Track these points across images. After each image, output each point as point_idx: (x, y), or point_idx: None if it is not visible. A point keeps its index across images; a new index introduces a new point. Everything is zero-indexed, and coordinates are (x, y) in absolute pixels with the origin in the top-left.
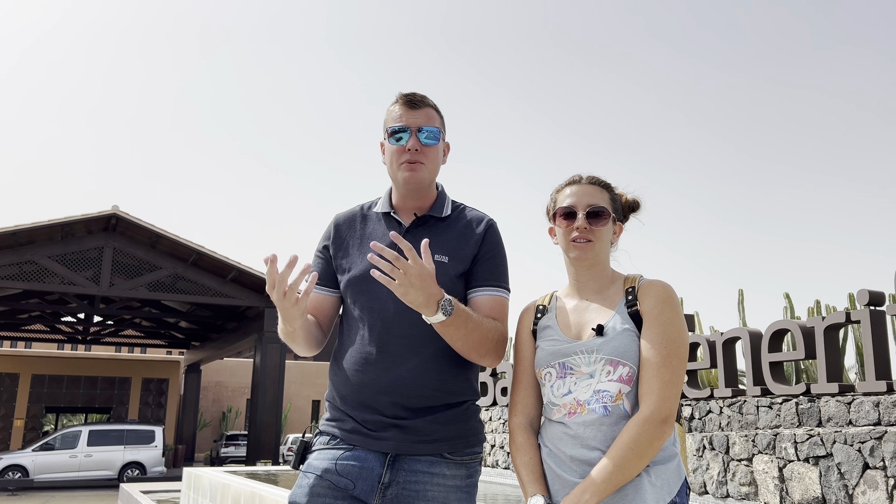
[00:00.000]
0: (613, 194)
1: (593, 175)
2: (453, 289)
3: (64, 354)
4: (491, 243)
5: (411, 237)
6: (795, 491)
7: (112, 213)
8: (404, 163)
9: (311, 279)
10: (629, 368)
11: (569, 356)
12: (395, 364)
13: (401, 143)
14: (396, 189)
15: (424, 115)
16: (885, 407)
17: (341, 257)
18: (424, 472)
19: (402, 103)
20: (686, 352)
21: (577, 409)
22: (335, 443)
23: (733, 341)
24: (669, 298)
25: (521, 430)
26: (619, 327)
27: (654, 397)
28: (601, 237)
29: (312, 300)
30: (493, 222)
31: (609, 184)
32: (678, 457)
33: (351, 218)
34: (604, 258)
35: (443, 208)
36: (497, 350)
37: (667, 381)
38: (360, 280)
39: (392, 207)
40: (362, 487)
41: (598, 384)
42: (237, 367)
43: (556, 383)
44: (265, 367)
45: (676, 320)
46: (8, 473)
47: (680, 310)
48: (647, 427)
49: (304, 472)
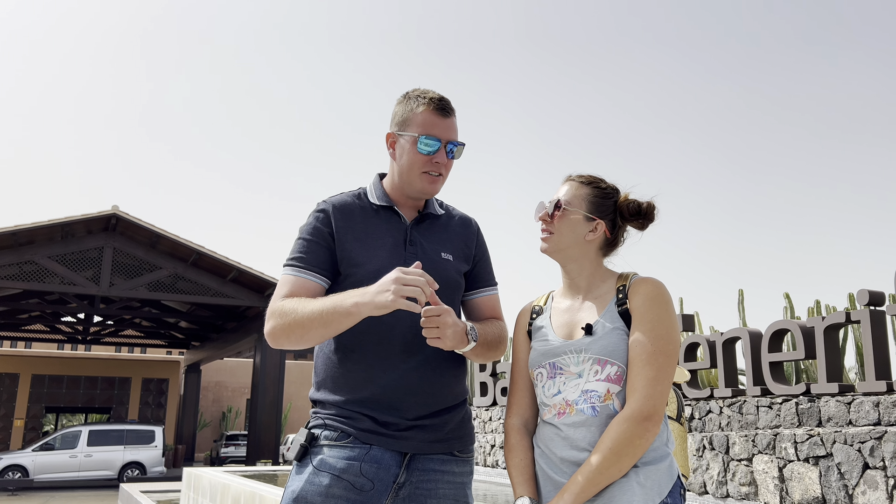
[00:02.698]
0: (601, 192)
1: (582, 172)
2: (460, 284)
3: (64, 354)
4: (482, 243)
5: (416, 234)
6: (795, 491)
7: (112, 213)
8: (427, 173)
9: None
10: (618, 367)
11: (558, 356)
12: (420, 365)
13: (430, 153)
14: (402, 186)
15: (453, 125)
16: (885, 407)
17: (346, 250)
18: (437, 470)
19: (435, 109)
20: (675, 349)
21: (566, 410)
22: (347, 440)
23: (733, 341)
24: (658, 296)
25: (513, 432)
26: (609, 326)
27: (637, 395)
28: (559, 230)
29: (309, 287)
30: (478, 223)
31: (596, 181)
32: (670, 457)
33: (346, 206)
34: (574, 253)
35: (435, 206)
36: (503, 350)
37: (651, 378)
38: (376, 276)
39: (390, 200)
40: (378, 487)
41: (585, 384)
42: (237, 367)
43: (547, 383)
44: (265, 367)
45: (665, 317)
46: (8, 473)
47: (670, 307)
48: (627, 425)
49: (316, 469)
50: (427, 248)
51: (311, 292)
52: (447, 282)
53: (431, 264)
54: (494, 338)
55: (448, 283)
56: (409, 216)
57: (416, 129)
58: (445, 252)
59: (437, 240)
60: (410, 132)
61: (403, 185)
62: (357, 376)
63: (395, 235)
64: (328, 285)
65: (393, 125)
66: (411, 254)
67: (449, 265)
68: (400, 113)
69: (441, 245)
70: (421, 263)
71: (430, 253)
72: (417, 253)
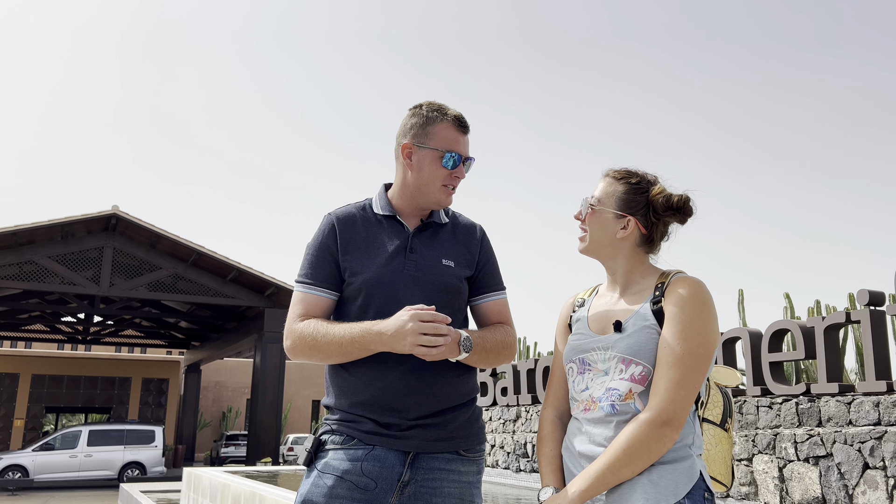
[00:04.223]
0: (631, 187)
1: (614, 167)
2: (461, 289)
3: (64, 354)
4: (488, 249)
5: (418, 241)
6: (795, 491)
7: (112, 213)
8: (446, 187)
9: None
10: (643, 367)
11: (587, 352)
12: (417, 367)
13: (453, 167)
14: (415, 196)
15: (469, 142)
16: (885, 407)
17: (349, 259)
18: (441, 468)
19: (457, 126)
20: (706, 353)
21: (591, 406)
22: (352, 443)
23: (733, 341)
24: (696, 295)
25: (546, 423)
26: (639, 324)
27: (658, 398)
28: (591, 229)
29: (320, 303)
30: (483, 228)
31: (628, 175)
32: (692, 458)
33: (349, 218)
34: (608, 251)
35: (440, 213)
36: (509, 354)
37: (675, 381)
38: (374, 283)
39: (394, 210)
40: (382, 486)
41: (610, 381)
42: (237, 367)
43: (577, 379)
44: (265, 367)
45: (699, 319)
46: (8, 473)
47: (706, 308)
48: (644, 429)
49: (320, 472)
50: (427, 254)
51: (322, 309)
52: (446, 287)
53: (431, 270)
54: (496, 344)
55: (447, 289)
56: (412, 225)
57: (440, 143)
58: (447, 258)
59: (439, 247)
60: (432, 146)
61: (418, 196)
62: (358, 380)
63: (396, 244)
64: (337, 296)
65: (408, 136)
66: (411, 261)
67: (449, 271)
68: (418, 125)
69: (443, 252)
70: (435, 307)
71: (431, 259)
72: (417, 260)
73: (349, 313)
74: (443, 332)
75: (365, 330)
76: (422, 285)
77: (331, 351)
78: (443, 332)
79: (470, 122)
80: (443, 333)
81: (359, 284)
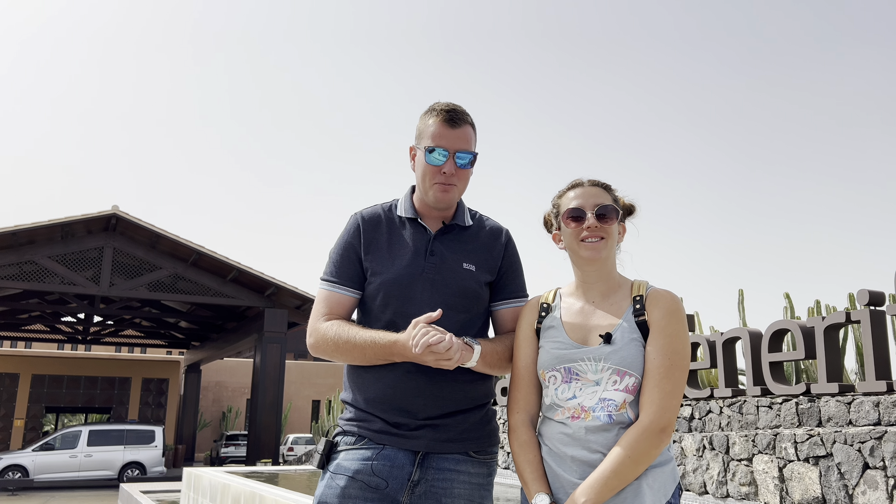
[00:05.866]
0: (614, 196)
1: (594, 178)
2: (481, 294)
3: (64, 354)
4: (512, 254)
5: (439, 244)
6: (795, 491)
7: (112, 213)
8: (437, 184)
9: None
10: (635, 379)
11: (575, 362)
12: (429, 368)
13: (437, 163)
14: (422, 197)
15: (463, 135)
16: (885, 407)
17: (370, 259)
18: (452, 469)
19: (443, 120)
20: (688, 364)
21: (582, 415)
22: (363, 443)
23: (733, 341)
24: (677, 311)
25: (525, 428)
26: (627, 337)
27: (655, 407)
28: (612, 235)
29: (343, 302)
30: (510, 233)
31: (610, 185)
32: (673, 461)
33: (375, 219)
34: (613, 258)
35: (465, 217)
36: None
37: (668, 392)
38: (393, 284)
39: (416, 212)
40: (393, 486)
41: (603, 392)
42: (237, 367)
43: (561, 387)
44: (265, 367)
45: (682, 333)
46: (8, 473)
47: (685, 322)
48: (645, 436)
49: (333, 473)
50: (448, 258)
51: (345, 307)
52: (464, 291)
53: (451, 274)
54: (506, 350)
55: (466, 293)
56: (434, 227)
57: (427, 140)
58: (468, 262)
59: (461, 250)
60: (422, 144)
61: (422, 196)
62: (371, 376)
63: (417, 246)
64: (360, 295)
65: (414, 139)
66: (430, 264)
67: (470, 276)
68: (418, 126)
69: (464, 255)
70: (442, 312)
71: (451, 263)
72: (437, 263)
73: (370, 311)
74: (443, 349)
75: (387, 339)
76: (439, 288)
77: (354, 355)
78: (443, 349)
79: (472, 118)
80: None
81: (378, 285)
